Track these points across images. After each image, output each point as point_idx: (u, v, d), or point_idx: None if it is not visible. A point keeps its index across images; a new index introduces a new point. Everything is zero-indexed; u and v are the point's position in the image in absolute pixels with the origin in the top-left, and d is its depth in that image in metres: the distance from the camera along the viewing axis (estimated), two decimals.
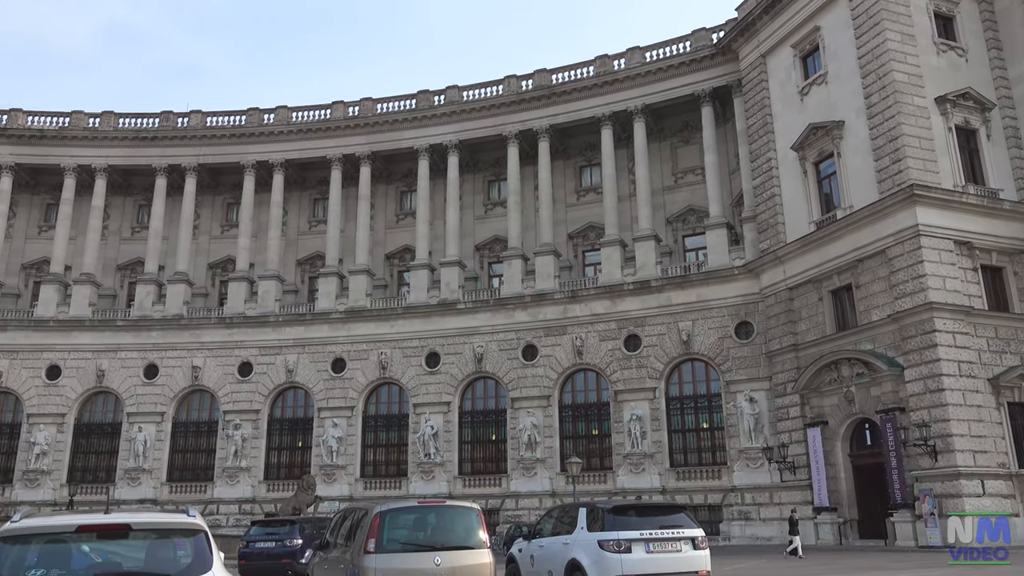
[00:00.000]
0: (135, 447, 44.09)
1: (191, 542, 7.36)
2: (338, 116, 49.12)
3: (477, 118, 47.20)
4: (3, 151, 48.67)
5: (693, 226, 44.70)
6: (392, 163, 50.11)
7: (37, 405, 44.79)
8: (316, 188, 51.16)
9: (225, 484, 43.47)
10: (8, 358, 45.19)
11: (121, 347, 45.80)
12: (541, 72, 46.72)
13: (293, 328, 45.70)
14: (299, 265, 50.29)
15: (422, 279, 45.29)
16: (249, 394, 44.82)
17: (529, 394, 41.72)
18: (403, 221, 50.18)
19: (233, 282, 47.35)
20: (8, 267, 48.85)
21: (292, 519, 25.94)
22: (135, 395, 45.13)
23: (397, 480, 42.55)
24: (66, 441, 44.71)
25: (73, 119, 49.93)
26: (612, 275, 42.15)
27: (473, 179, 49.59)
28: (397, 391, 44.39)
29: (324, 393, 44.31)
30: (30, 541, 7.14)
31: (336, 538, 14.24)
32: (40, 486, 43.44)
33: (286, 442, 45.16)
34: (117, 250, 50.85)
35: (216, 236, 51.29)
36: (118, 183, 50.50)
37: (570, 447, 40.51)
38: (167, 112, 50.33)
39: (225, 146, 49.51)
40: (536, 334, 42.65)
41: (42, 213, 51.44)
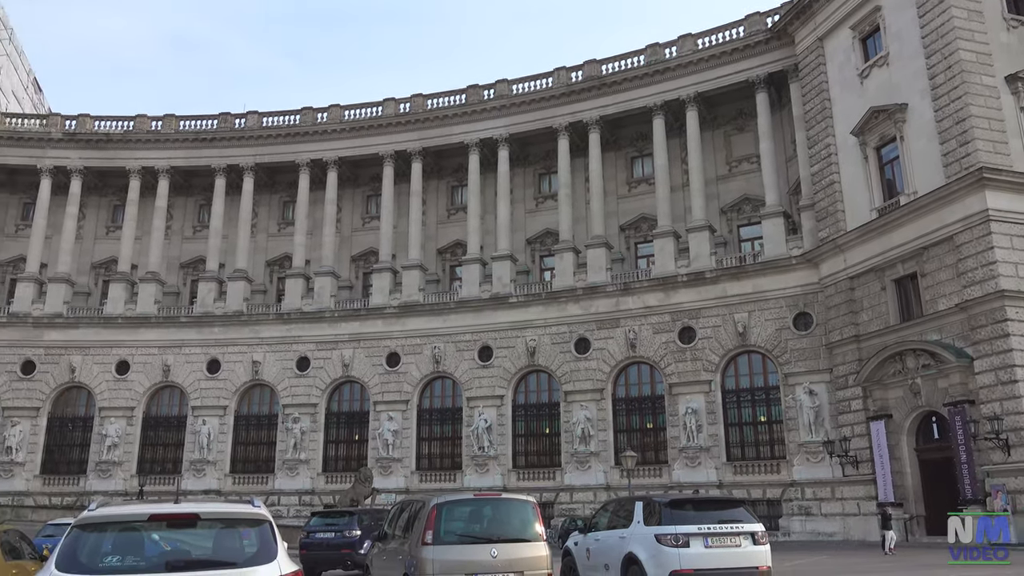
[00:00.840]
0: (199, 439, 45.35)
1: (256, 532, 7.56)
2: (389, 113, 49.60)
3: (527, 111, 47.13)
4: (73, 155, 50.46)
5: (748, 216, 43.92)
6: (443, 158, 50.41)
7: (108, 399, 46.41)
8: (369, 185, 51.78)
9: (285, 476, 44.43)
10: (81, 354, 46.90)
11: (185, 343, 47.13)
12: (591, 63, 46.41)
13: (348, 323, 46.39)
14: (353, 261, 50.99)
15: (474, 273, 45.50)
16: (307, 388, 45.68)
17: (582, 387, 41.61)
18: (454, 216, 50.46)
19: (290, 279, 48.27)
20: (79, 266, 50.64)
21: (351, 510, 26.35)
22: (199, 389, 46.41)
23: (451, 473, 42.90)
24: (135, 433, 46.24)
25: (137, 123, 51.48)
26: (665, 267, 41.72)
27: (523, 172, 49.57)
28: (450, 385, 44.72)
29: (379, 387, 44.90)
30: (106, 529, 7.42)
31: (394, 530, 14.44)
32: (112, 476, 45.03)
33: (343, 435, 45.91)
34: (180, 249, 52.28)
35: (273, 234, 52.33)
36: (180, 184, 51.90)
37: (624, 441, 40.29)
38: (225, 114, 51.51)
39: (280, 145, 50.46)
40: (588, 327, 42.48)
41: (109, 214, 53.18)
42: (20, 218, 52.57)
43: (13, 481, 44.52)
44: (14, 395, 46.22)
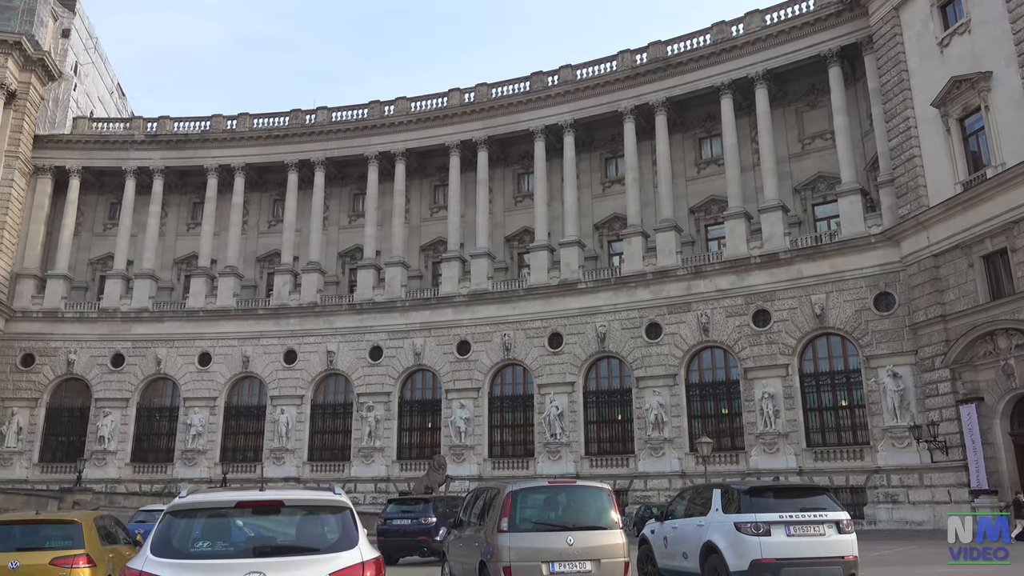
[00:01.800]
0: (278, 428, 46.68)
1: (338, 518, 7.72)
2: (455, 103, 49.83)
3: (591, 96, 46.70)
4: (154, 156, 52.38)
5: (823, 194, 42.60)
6: (508, 146, 50.41)
7: (192, 389, 48.19)
8: (436, 175, 52.20)
9: (361, 463, 45.36)
10: (166, 346, 48.80)
11: (263, 334, 48.51)
12: (656, 44, 45.64)
13: (419, 312, 46.96)
14: (422, 251, 51.54)
15: (542, 260, 45.44)
16: (380, 377, 46.48)
17: (654, 373, 41.17)
18: (521, 203, 50.44)
19: (361, 270, 49.11)
20: (162, 262, 52.62)
21: (426, 497, 26.74)
22: (277, 379, 47.75)
23: (524, 460, 43.07)
24: (218, 423, 47.90)
25: (213, 123, 53.08)
26: (737, 249, 40.85)
27: (589, 158, 49.19)
28: (521, 372, 44.85)
29: (451, 375, 45.35)
30: (195, 515, 7.70)
31: (469, 517, 14.57)
32: (197, 465, 46.79)
33: (416, 423, 46.58)
34: (256, 243, 53.76)
35: (344, 226, 53.31)
36: (255, 180, 53.31)
37: (699, 427, 39.75)
38: (296, 111, 52.62)
39: (350, 139, 51.28)
40: (659, 312, 41.97)
41: (189, 211, 55.03)
42: (107, 218, 54.89)
43: (106, 469, 46.70)
44: (106, 387, 48.43)
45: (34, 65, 50.46)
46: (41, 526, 12.93)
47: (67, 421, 48.80)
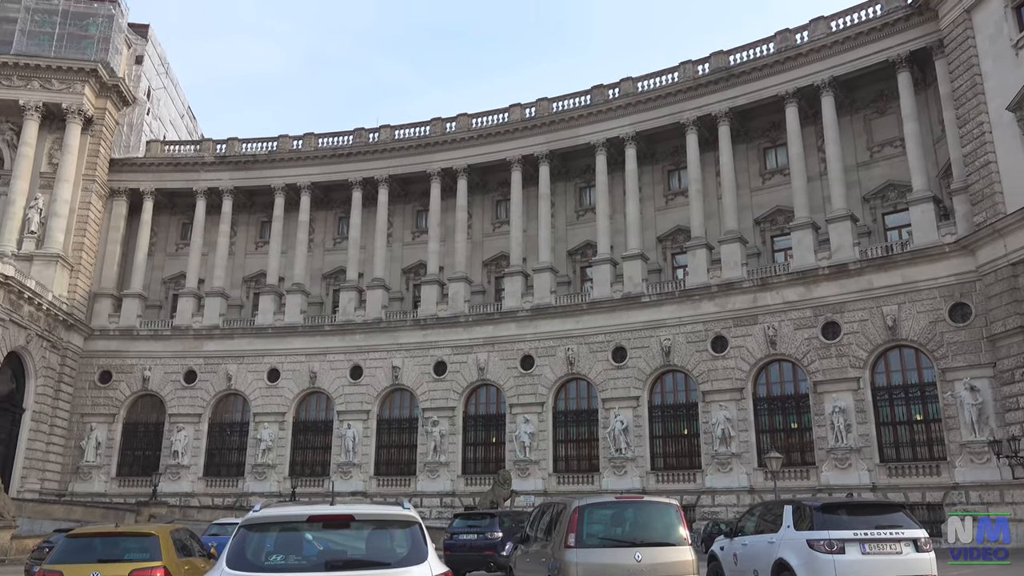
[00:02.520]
0: (345, 443, 47.35)
1: (406, 533, 7.77)
2: (515, 119, 50.15)
3: (653, 108, 46.46)
4: (224, 176, 54.10)
5: (893, 202, 41.38)
6: (569, 160, 50.44)
7: (261, 405, 49.32)
8: (498, 190, 52.53)
9: (427, 478, 45.66)
10: (236, 363, 50.12)
11: (329, 350, 49.38)
12: (718, 54, 45.16)
13: (482, 327, 47.18)
14: (485, 266, 51.84)
15: (605, 274, 45.22)
16: (444, 392, 46.80)
17: (720, 387, 40.47)
18: (583, 217, 50.34)
19: (425, 285, 49.64)
20: (232, 280, 54.17)
21: (492, 512, 26.73)
22: (343, 394, 48.52)
23: (589, 475, 42.73)
24: (287, 437, 48.87)
25: (280, 143, 54.57)
26: (805, 260, 39.95)
27: (652, 170, 48.85)
28: (585, 386, 44.61)
29: (514, 390, 45.38)
30: (268, 529, 7.84)
31: (536, 532, 14.51)
32: (267, 479, 47.79)
33: (480, 437, 46.68)
34: (322, 260, 54.90)
35: (408, 243, 54.02)
36: (320, 198, 54.52)
37: (767, 441, 38.86)
38: (359, 129, 53.72)
39: (412, 156, 52.05)
40: (725, 325, 41.29)
41: (257, 230, 56.56)
42: (180, 238, 56.81)
43: (180, 483, 48.08)
44: (179, 402, 49.95)
45: (109, 91, 52.74)
46: (120, 539, 13.37)
47: (143, 436, 50.45)
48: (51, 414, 47.27)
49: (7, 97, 49.88)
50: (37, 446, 45.93)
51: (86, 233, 51.05)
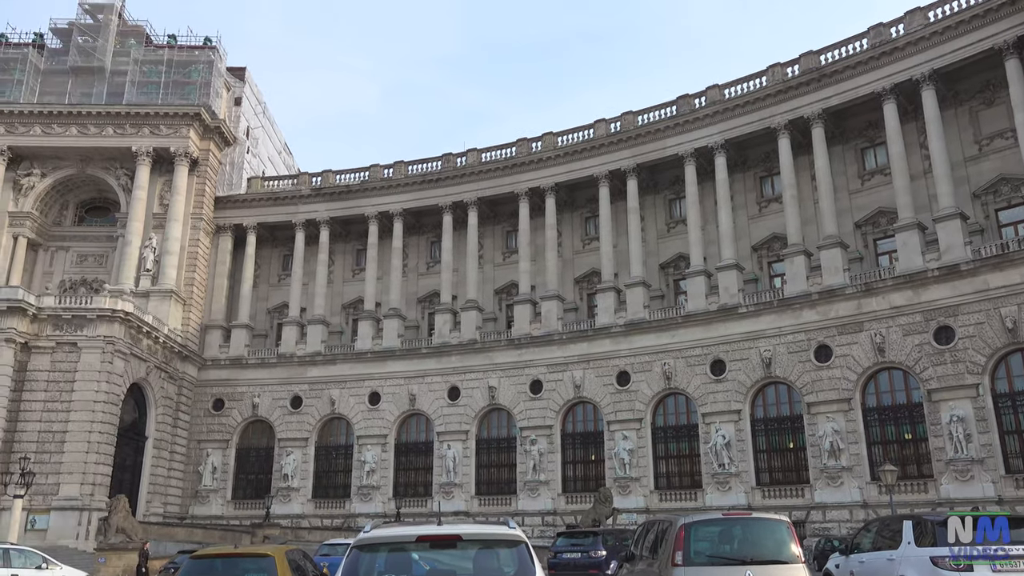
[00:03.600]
0: (446, 463, 47.92)
1: (513, 552, 7.81)
2: (600, 134, 50.06)
3: (741, 114, 45.55)
4: (320, 208, 56.09)
5: (1007, 197, 39.06)
6: (657, 172, 49.91)
7: (364, 428, 50.53)
8: (586, 207, 52.45)
9: (527, 497, 45.64)
10: (339, 387, 51.59)
11: (427, 373, 50.22)
12: (808, 55, 43.93)
13: (576, 344, 47.02)
14: (577, 283, 51.71)
15: (699, 286, 44.39)
16: (541, 410, 46.78)
17: (826, 398, 38.96)
18: (674, 229, 49.64)
19: (518, 305, 49.90)
20: (332, 308, 55.90)
21: (595, 531, 26.53)
22: (442, 415, 49.17)
23: (691, 492, 41.79)
24: (389, 459, 49.85)
25: (371, 172, 56.21)
26: (912, 262, 38.13)
27: (743, 178, 47.78)
28: (684, 401, 43.77)
29: (611, 406, 44.94)
30: (378, 549, 8.03)
31: (641, 550, 14.31)
32: (372, 500, 48.81)
33: (579, 455, 46.36)
34: (416, 284, 56.02)
35: (499, 263, 54.50)
36: (412, 224, 55.74)
37: (879, 453, 37.12)
38: (447, 154, 54.77)
39: (499, 178, 52.60)
40: (828, 333, 39.81)
41: (354, 258, 58.25)
42: (281, 269, 59.08)
43: (291, 505, 49.68)
44: (286, 427, 51.74)
45: (212, 133, 55.67)
46: (239, 559, 13.90)
47: (254, 460, 52.45)
48: (171, 441, 49.79)
49: (121, 145, 53.30)
50: (159, 471, 48.42)
51: (196, 269, 53.78)
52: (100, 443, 42.01)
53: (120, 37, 56.00)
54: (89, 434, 41.54)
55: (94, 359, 42.83)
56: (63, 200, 56.50)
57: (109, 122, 53.44)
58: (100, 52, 54.80)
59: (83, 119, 53.29)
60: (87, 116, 53.28)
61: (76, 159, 54.42)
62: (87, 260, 55.75)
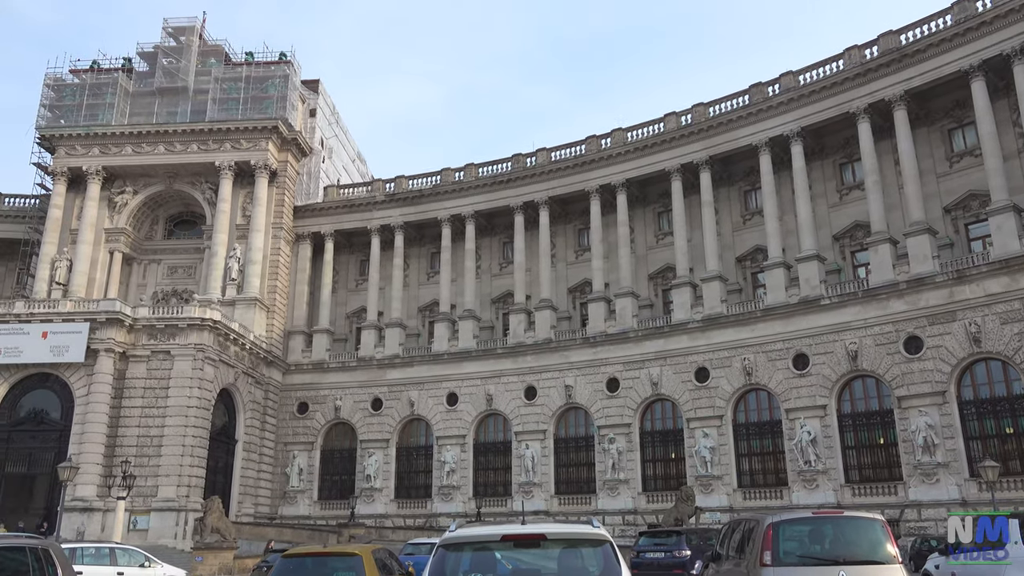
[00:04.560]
0: (524, 463, 48.06)
1: (598, 552, 7.77)
2: (671, 127, 49.37)
3: (818, 100, 44.21)
4: (394, 213, 57.06)
5: None
6: (731, 164, 48.90)
7: (443, 428, 51.15)
8: (658, 202, 51.80)
9: (607, 496, 45.36)
10: (417, 389, 52.37)
11: (503, 373, 50.48)
12: (887, 35, 42.33)
13: (652, 341, 46.49)
14: (651, 279, 51.12)
15: (778, 278, 43.30)
16: (619, 409, 46.42)
17: (918, 391, 37.42)
18: (750, 221, 48.54)
19: (592, 303, 49.66)
20: (408, 311, 56.77)
21: (678, 530, 26.17)
22: (519, 415, 49.34)
23: (777, 489, 40.79)
24: (468, 459, 50.31)
25: (443, 176, 56.85)
26: (1008, 247, 36.27)
27: (821, 165, 46.36)
28: (765, 397, 42.76)
29: (691, 403, 44.26)
30: (463, 548, 8.11)
31: (727, 550, 14.04)
32: (452, 500, 49.36)
33: (659, 453, 45.82)
34: (490, 285, 56.37)
35: (572, 262, 54.34)
36: (483, 226, 56.11)
37: (978, 449, 35.44)
38: (517, 155, 54.93)
39: (570, 176, 52.44)
40: (918, 323, 38.24)
41: (428, 261, 59.02)
42: (359, 274, 60.33)
43: (374, 505, 50.68)
44: (368, 429, 52.81)
45: (289, 145, 57.35)
46: (328, 558, 14.29)
47: (338, 461, 53.72)
48: (259, 444, 51.46)
49: (205, 160, 55.42)
50: (249, 473, 50.10)
51: (278, 276, 55.46)
52: (194, 447, 43.75)
53: (201, 57, 58.21)
54: (183, 438, 43.31)
55: (186, 366, 44.64)
56: (153, 215, 59.06)
57: (193, 139, 55.65)
58: (183, 72, 57.09)
59: (169, 137, 55.65)
60: (173, 134, 55.62)
61: (164, 175, 56.82)
62: (177, 272, 58.15)
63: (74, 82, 57.68)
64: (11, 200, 59.82)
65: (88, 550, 26.42)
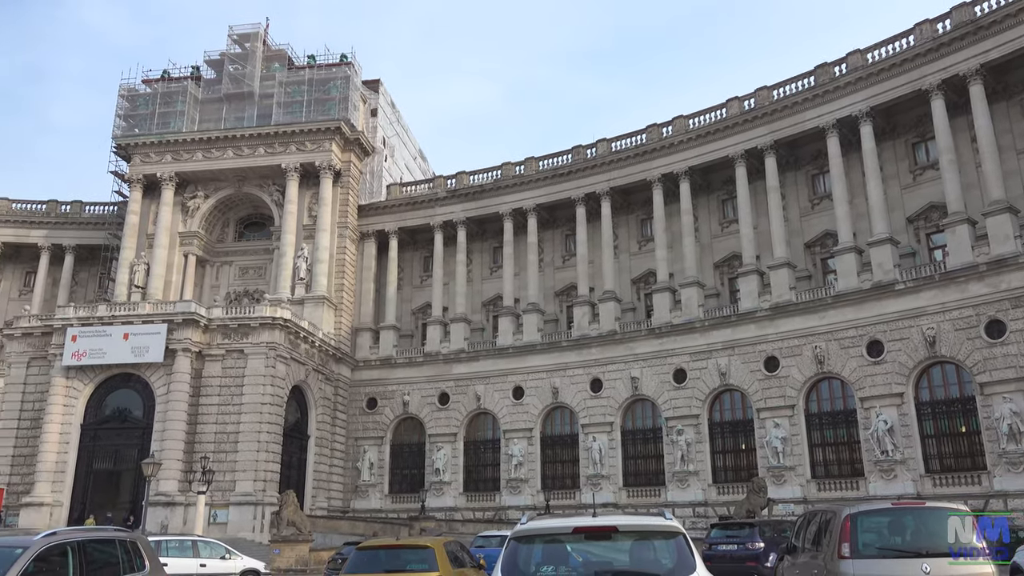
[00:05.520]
0: (592, 455, 47.90)
1: (671, 544, 7.69)
2: (734, 113, 48.41)
3: (887, 78, 42.70)
4: (456, 209, 57.47)
5: None
6: (797, 148, 47.69)
7: (509, 422, 51.36)
8: (722, 189, 50.90)
9: (676, 488, 44.90)
10: (483, 383, 52.71)
11: (568, 365, 50.37)
12: (960, 7, 40.58)
13: (719, 331, 45.76)
14: (716, 268, 50.29)
15: (850, 263, 42.09)
16: (687, 400, 45.86)
17: (1002, 377, 35.88)
18: (818, 206, 47.27)
19: (656, 293, 49.14)
20: (472, 306, 57.14)
21: (751, 522, 25.72)
22: (585, 407, 49.19)
23: (852, 480, 39.74)
24: (536, 452, 50.42)
25: (503, 171, 56.97)
26: None
27: (892, 146, 44.79)
28: (838, 385, 41.65)
29: (760, 393, 43.43)
30: (534, 540, 8.13)
31: (802, 542, 13.76)
32: (521, 493, 49.56)
33: (729, 445, 45.12)
34: (553, 278, 56.28)
35: (635, 252, 53.83)
36: (545, 219, 56.03)
37: None
38: (577, 147, 54.64)
39: (631, 166, 51.93)
40: (1000, 307, 36.67)
41: (491, 256, 59.25)
42: (423, 270, 61.00)
43: (443, 498, 51.25)
44: (435, 423, 53.41)
45: (352, 145, 58.30)
46: (401, 550, 14.57)
47: (407, 456, 54.50)
48: (330, 439, 52.61)
49: (271, 163, 56.77)
50: (321, 468, 51.27)
51: (344, 275, 56.51)
52: (268, 442, 44.97)
53: (265, 62, 59.62)
54: (258, 434, 44.56)
55: (259, 364, 45.88)
56: (224, 218, 60.83)
57: (260, 142, 57.06)
58: (249, 78, 58.59)
59: (237, 141, 57.19)
60: (240, 139, 57.14)
61: (233, 179, 58.45)
62: (248, 272, 59.82)
63: (146, 92, 59.76)
64: (92, 208, 62.61)
65: (172, 543, 27.48)
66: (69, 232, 60.97)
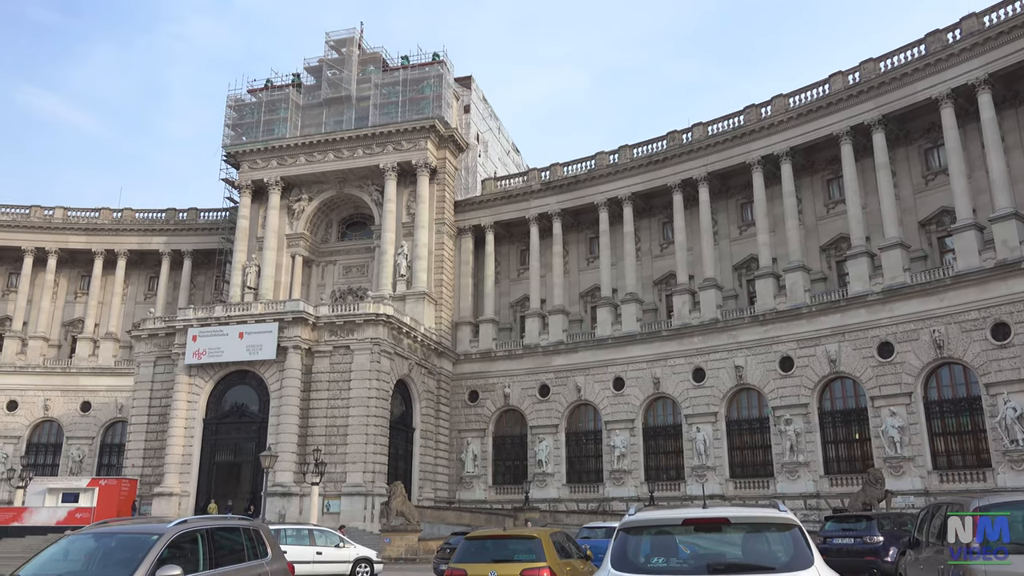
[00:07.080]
0: (696, 446, 47.10)
1: (786, 536, 7.47)
2: (837, 88, 46.39)
3: (1008, 42, 39.89)
4: (551, 201, 57.48)
5: None
6: (907, 121, 45.26)
7: (610, 413, 51.09)
8: (826, 169, 48.95)
9: (786, 479, 43.62)
10: (583, 374, 52.62)
11: (669, 355, 49.65)
12: None
13: (828, 316, 44.09)
14: (822, 251, 48.44)
15: (970, 241, 39.70)
16: (794, 388, 44.43)
17: None
18: (933, 182, 44.78)
19: (759, 279, 47.79)
20: (569, 297, 57.06)
21: (868, 514, 24.68)
22: (688, 397, 48.39)
23: (979, 471, 37.57)
24: (638, 443, 49.97)
25: (597, 160, 56.55)
26: None
27: (1016, 114, 41.92)
28: (960, 371, 39.43)
29: (873, 380, 41.60)
30: (643, 532, 8.05)
31: (927, 536, 13.11)
32: (624, 484, 49.25)
33: (841, 435, 43.51)
34: (651, 267, 55.56)
35: (735, 238, 52.50)
36: (641, 207, 55.30)
37: None
38: (672, 132, 53.63)
39: (728, 150, 50.60)
40: None
41: (587, 247, 58.99)
42: (519, 263, 61.31)
43: (547, 490, 51.50)
44: (536, 415, 53.70)
45: (447, 142, 59.17)
46: (508, 541, 14.73)
47: (510, 447, 55.04)
48: (434, 431, 53.71)
49: (370, 163, 58.29)
50: (427, 460, 52.43)
51: (443, 270, 57.48)
52: (376, 435, 46.28)
53: (361, 65, 61.19)
54: (366, 427, 45.92)
55: (364, 359, 47.26)
56: (327, 219, 62.92)
57: (358, 144, 58.67)
58: (346, 82, 60.31)
59: (337, 144, 59.00)
60: (340, 141, 58.92)
61: (334, 181, 60.36)
62: (351, 271, 61.70)
63: (252, 101, 62.37)
64: (206, 214, 66.03)
65: (290, 531, 28.69)
66: (187, 238, 64.63)
